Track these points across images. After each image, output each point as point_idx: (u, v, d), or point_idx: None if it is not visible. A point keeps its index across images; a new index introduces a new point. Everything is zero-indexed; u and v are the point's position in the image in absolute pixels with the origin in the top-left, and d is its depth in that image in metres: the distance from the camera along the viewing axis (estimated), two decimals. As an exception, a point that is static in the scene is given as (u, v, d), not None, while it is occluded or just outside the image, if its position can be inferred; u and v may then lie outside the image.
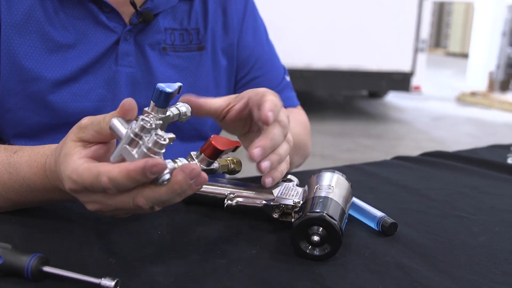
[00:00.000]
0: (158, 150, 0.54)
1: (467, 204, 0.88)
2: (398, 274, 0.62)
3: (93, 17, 0.91)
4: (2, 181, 0.72)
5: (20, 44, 0.87)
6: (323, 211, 0.64)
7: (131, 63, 0.94)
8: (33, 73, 0.88)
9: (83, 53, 0.91)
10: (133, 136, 0.55)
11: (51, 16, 0.89)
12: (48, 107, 0.90)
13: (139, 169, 0.52)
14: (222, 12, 1.04)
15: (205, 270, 0.61)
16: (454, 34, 14.12)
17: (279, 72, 1.13)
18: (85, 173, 0.55)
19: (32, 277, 0.57)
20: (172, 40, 0.98)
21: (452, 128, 5.94)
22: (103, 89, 0.93)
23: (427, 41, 6.10)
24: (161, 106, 0.60)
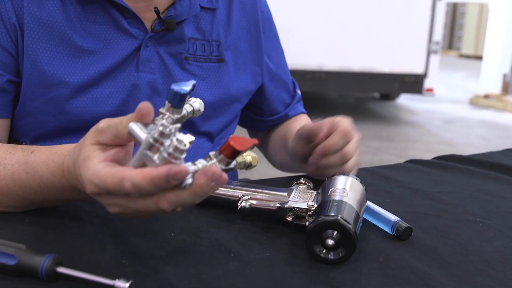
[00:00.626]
0: (178, 155, 0.55)
1: (481, 209, 0.87)
2: (412, 279, 0.62)
3: (115, 23, 0.91)
4: (19, 181, 0.72)
5: (42, 50, 0.88)
6: (338, 215, 0.63)
7: (152, 69, 0.94)
8: (55, 79, 0.88)
9: (105, 59, 0.91)
10: (152, 142, 0.55)
11: (74, 22, 0.89)
12: (68, 112, 0.90)
13: (163, 176, 0.52)
14: (250, 31, 1.06)
15: (218, 273, 0.61)
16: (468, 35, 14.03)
17: (291, 88, 1.19)
18: (107, 178, 0.55)
19: (47, 278, 0.57)
20: (194, 50, 0.98)
21: (465, 131, 5.91)
22: (123, 94, 0.93)
23: (440, 43, 6.07)
24: (177, 106, 0.60)
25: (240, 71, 1.05)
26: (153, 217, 0.76)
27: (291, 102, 1.19)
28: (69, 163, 0.66)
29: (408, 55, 5.94)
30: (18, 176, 0.72)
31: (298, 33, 5.30)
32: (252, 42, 1.07)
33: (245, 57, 1.05)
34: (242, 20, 1.05)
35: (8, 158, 0.74)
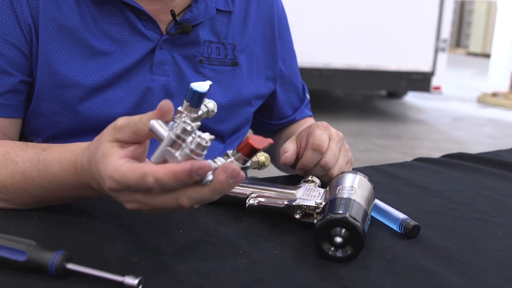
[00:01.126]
0: (200, 152, 0.55)
1: (490, 207, 0.87)
2: (421, 277, 0.62)
3: (130, 25, 0.91)
4: (31, 178, 0.72)
5: (57, 51, 0.88)
6: (346, 213, 0.63)
7: (166, 71, 0.94)
8: (68, 80, 0.89)
9: (119, 60, 0.91)
10: (175, 138, 0.55)
11: (89, 24, 0.89)
12: (81, 113, 0.90)
13: (186, 171, 0.53)
14: (264, 33, 1.06)
15: (227, 270, 0.61)
16: (476, 33, 13.96)
17: (300, 91, 1.20)
18: (128, 173, 0.56)
19: (56, 274, 0.57)
20: (209, 53, 0.98)
21: (473, 129, 5.88)
22: (136, 96, 0.93)
23: (448, 41, 6.04)
24: (195, 106, 0.61)
25: (253, 74, 1.04)
26: (162, 214, 0.76)
27: (300, 106, 1.19)
28: (83, 160, 0.66)
29: (416, 53, 5.92)
30: (29, 174, 0.73)
31: (305, 31, 5.29)
32: (267, 47, 1.06)
33: (259, 61, 1.05)
34: (258, 23, 1.04)
35: (19, 156, 0.75)
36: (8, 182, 0.74)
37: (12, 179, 0.74)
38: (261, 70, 1.06)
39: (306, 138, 0.88)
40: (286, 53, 1.12)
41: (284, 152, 0.88)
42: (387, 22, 5.72)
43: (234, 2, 1.01)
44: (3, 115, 0.88)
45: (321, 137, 0.86)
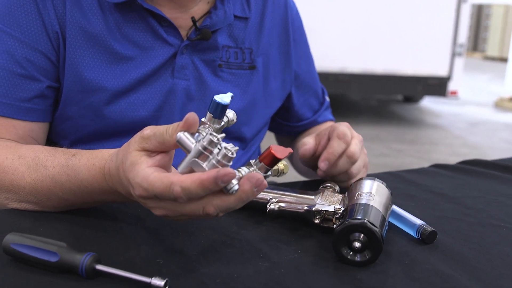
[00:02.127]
0: (226, 162, 0.58)
1: (505, 214, 0.88)
2: (437, 282, 0.63)
3: (153, 31, 0.95)
4: (60, 183, 0.75)
5: (83, 57, 0.92)
6: (365, 218, 0.65)
7: (186, 76, 0.97)
8: (94, 84, 0.92)
9: (142, 65, 0.94)
10: (202, 150, 0.58)
11: (113, 30, 0.93)
12: (106, 116, 0.94)
13: (212, 179, 0.55)
14: (279, 36, 1.09)
15: (249, 272, 0.63)
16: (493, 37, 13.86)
17: (320, 94, 1.22)
18: (156, 182, 0.58)
19: (86, 275, 0.60)
20: (227, 57, 1.01)
21: (489, 134, 5.84)
22: (158, 100, 0.96)
23: (465, 45, 6.01)
24: (218, 117, 0.64)
25: (270, 77, 1.07)
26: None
27: (319, 108, 1.21)
28: (111, 167, 0.69)
29: (432, 58, 5.89)
30: (59, 178, 0.75)
31: (322, 36, 5.30)
32: (282, 50, 1.09)
33: (275, 64, 1.08)
34: (273, 28, 1.07)
35: (49, 160, 0.77)
36: (38, 185, 0.77)
37: (42, 182, 0.77)
38: (278, 73, 1.09)
39: (327, 137, 0.90)
40: (301, 56, 1.14)
41: (303, 145, 0.92)
42: (403, 27, 5.71)
43: (250, 8, 1.04)
44: (32, 119, 0.91)
45: (345, 131, 0.88)
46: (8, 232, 0.63)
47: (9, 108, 0.89)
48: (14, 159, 0.80)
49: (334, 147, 0.86)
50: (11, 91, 0.89)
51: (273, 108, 1.11)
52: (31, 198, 0.78)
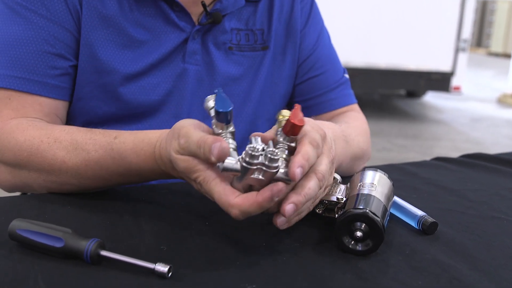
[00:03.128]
0: (275, 164, 0.61)
1: (506, 206, 0.89)
2: (437, 271, 0.64)
3: (165, 16, 0.96)
4: (106, 166, 0.77)
5: (97, 37, 0.92)
6: (366, 208, 0.66)
7: (197, 61, 0.99)
8: (107, 66, 0.93)
9: (154, 50, 0.95)
10: (249, 167, 0.61)
11: (127, 13, 0.94)
12: (118, 98, 0.95)
13: (268, 198, 0.60)
14: (288, 13, 1.08)
15: (251, 260, 0.64)
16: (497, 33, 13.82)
17: (339, 70, 1.15)
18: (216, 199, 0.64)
19: (91, 260, 0.61)
20: (238, 40, 1.02)
21: (492, 130, 5.84)
22: (169, 84, 0.97)
23: (468, 41, 6.00)
24: (228, 122, 0.66)
25: (279, 55, 1.07)
26: (188, 207, 0.80)
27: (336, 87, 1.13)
28: (162, 153, 0.72)
29: (436, 53, 5.89)
30: (104, 162, 0.77)
31: (325, 29, 5.29)
32: (290, 29, 1.08)
33: (284, 43, 1.08)
34: (283, 6, 1.07)
35: (89, 144, 0.79)
36: (82, 170, 0.79)
37: (86, 167, 0.78)
38: (287, 51, 1.08)
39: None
40: (309, 32, 1.11)
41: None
42: (407, 22, 5.70)
43: None
44: (58, 97, 0.92)
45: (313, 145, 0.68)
46: (14, 218, 0.64)
47: (36, 85, 0.89)
48: (50, 142, 0.81)
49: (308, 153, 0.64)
50: (39, 68, 0.89)
51: (285, 88, 1.10)
52: (72, 180, 0.80)
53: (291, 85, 1.12)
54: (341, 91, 1.13)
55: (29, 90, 0.89)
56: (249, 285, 0.58)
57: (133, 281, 0.58)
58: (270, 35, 1.05)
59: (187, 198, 0.83)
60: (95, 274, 0.59)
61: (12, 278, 0.57)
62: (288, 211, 0.63)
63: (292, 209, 0.63)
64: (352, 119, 1.09)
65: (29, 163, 0.81)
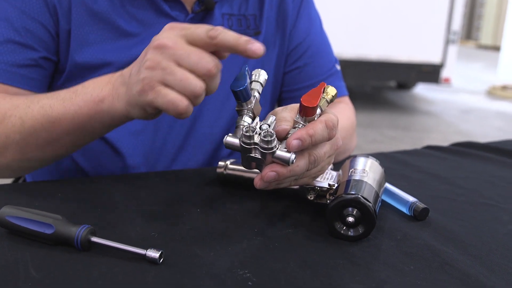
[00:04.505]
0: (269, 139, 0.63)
1: (497, 193, 0.89)
2: (429, 256, 0.64)
3: (156, 7, 0.95)
4: (57, 94, 0.78)
5: (88, 33, 0.92)
6: (358, 193, 0.66)
7: None
8: (99, 60, 0.93)
9: (147, 41, 0.94)
10: (246, 146, 0.63)
11: (118, 8, 0.93)
12: None
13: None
14: (279, 3, 1.07)
15: (243, 245, 0.64)
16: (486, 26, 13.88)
17: (330, 61, 1.14)
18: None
19: (81, 247, 0.60)
20: (230, 25, 1.01)
21: (481, 121, 5.88)
22: None
23: (458, 33, 6.02)
24: (245, 100, 0.66)
25: (270, 41, 1.07)
26: (179, 194, 0.79)
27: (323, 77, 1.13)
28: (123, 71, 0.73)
29: (426, 45, 5.91)
30: (51, 95, 0.79)
31: (316, 21, 5.28)
32: (281, 14, 1.08)
33: (275, 29, 1.07)
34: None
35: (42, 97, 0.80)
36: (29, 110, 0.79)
37: (28, 108, 0.79)
38: (277, 37, 1.08)
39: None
40: (302, 22, 1.11)
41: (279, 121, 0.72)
42: (398, 14, 5.71)
43: None
44: (26, 87, 0.91)
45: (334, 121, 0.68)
46: (3, 205, 0.64)
47: (3, 73, 0.89)
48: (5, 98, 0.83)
49: (316, 129, 0.65)
50: (6, 57, 0.89)
51: (271, 76, 1.09)
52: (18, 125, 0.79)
53: (280, 72, 1.11)
54: (331, 82, 1.11)
55: None
56: (241, 271, 0.58)
57: (124, 267, 0.58)
58: (262, 20, 1.05)
59: (179, 186, 0.83)
60: (85, 261, 0.59)
61: (2, 265, 0.57)
62: (268, 177, 0.64)
63: (272, 177, 0.64)
64: (340, 112, 1.07)
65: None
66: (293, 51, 1.10)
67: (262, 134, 0.62)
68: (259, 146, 0.62)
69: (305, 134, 0.63)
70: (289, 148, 0.63)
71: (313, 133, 0.64)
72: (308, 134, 0.63)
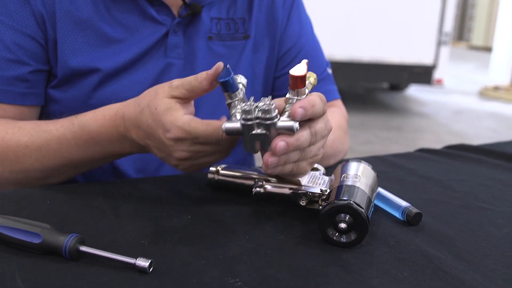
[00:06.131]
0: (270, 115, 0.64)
1: (490, 196, 0.89)
2: (422, 262, 0.63)
3: (142, 11, 0.94)
4: (66, 141, 0.79)
5: (74, 41, 0.91)
6: (350, 199, 0.65)
7: (180, 55, 0.97)
8: (86, 67, 0.92)
9: (134, 46, 0.94)
10: (246, 123, 0.65)
11: (103, 13, 0.92)
12: (98, 98, 0.93)
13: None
14: (268, 3, 1.06)
15: (235, 253, 0.63)
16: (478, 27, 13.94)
17: (321, 65, 1.13)
18: (200, 126, 0.69)
19: (70, 256, 0.59)
20: (218, 29, 1.00)
21: (474, 122, 5.89)
22: (152, 80, 0.96)
23: (450, 34, 6.04)
24: (233, 90, 0.70)
25: (260, 45, 1.06)
26: (171, 200, 0.78)
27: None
28: (126, 112, 0.75)
29: (418, 46, 5.93)
30: (64, 137, 0.80)
31: (308, 23, 5.28)
32: (271, 18, 1.06)
33: (265, 33, 1.06)
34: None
35: (51, 124, 0.81)
36: (44, 150, 0.80)
37: (47, 147, 0.80)
38: (266, 41, 1.06)
39: None
40: (291, 23, 1.09)
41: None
42: (390, 15, 5.72)
43: None
44: (22, 103, 0.91)
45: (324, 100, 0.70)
46: (-10, 214, 0.62)
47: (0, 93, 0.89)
48: (14, 132, 0.83)
49: (316, 100, 0.67)
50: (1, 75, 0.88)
51: (261, 79, 1.08)
52: (38, 164, 0.81)
53: (270, 77, 1.09)
54: (322, 87, 1.11)
55: None
56: (232, 279, 0.57)
57: (114, 276, 0.57)
58: (251, 23, 1.03)
59: (169, 192, 0.82)
60: (74, 270, 0.58)
61: (-12, 275, 0.56)
62: (279, 147, 0.64)
63: (282, 146, 0.64)
64: (333, 113, 1.07)
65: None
66: (284, 55, 1.09)
67: (261, 105, 0.64)
68: (261, 119, 0.64)
69: (307, 103, 0.65)
70: (294, 116, 0.64)
71: (314, 103, 0.66)
72: (310, 104, 0.65)
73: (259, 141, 0.66)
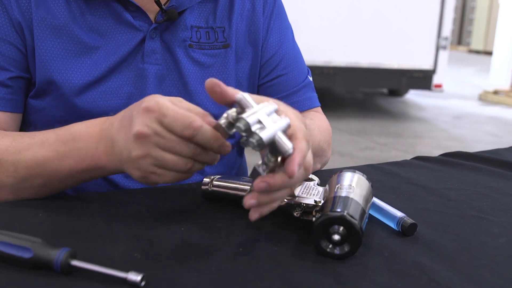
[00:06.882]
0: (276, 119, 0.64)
1: (487, 205, 0.88)
2: (417, 274, 0.63)
3: (117, 16, 0.94)
4: (47, 143, 0.79)
5: (50, 49, 0.91)
6: (344, 211, 0.65)
7: (157, 60, 0.96)
8: (64, 76, 0.91)
9: (111, 53, 0.93)
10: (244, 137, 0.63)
11: (78, 19, 0.92)
12: (79, 107, 0.93)
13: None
14: (249, 10, 1.05)
15: (227, 266, 0.63)
16: (477, 31, 13.94)
17: (303, 72, 1.13)
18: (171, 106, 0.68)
19: (61, 271, 0.59)
20: (198, 37, 0.99)
21: (474, 127, 5.89)
22: (131, 86, 0.96)
23: (449, 38, 6.04)
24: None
25: (242, 54, 1.05)
26: (163, 212, 0.78)
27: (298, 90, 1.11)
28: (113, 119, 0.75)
29: (417, 51, 5.92)
30: (47, 140, 0.79)
31: (307, 29, 5.29)
32: (252, 26, 1.06)
33: (245, 41, 1.05)
34: (244, 3, 1.05)
35: (36, 133, 0.81)
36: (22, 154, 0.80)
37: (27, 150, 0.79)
38: (249, 49, 1.05)
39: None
40: (274, 34, 1.08)
41: None
42: (388, 20, 5.72)
43: None
44: (3, 109, 0.90)
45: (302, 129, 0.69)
46: (-19, 227, 0.62)
47: None
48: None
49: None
50: None
51: (245, 88, 1.06)
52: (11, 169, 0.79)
53: (255, 84, 1.08)
54: (303, 94, 1.11)
55: None
56: (224, 293, 0.57)
57: (105, 291, 0.56)
58: (231, 33, 1.03)
59: (162, 204, 0.82)
60: (66, 285, 0.57)
61: (-22, 291, 0.55)
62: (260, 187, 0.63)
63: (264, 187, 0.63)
64: (316, 117, 1.08)
65: None
66: (266, 63, 1.08)
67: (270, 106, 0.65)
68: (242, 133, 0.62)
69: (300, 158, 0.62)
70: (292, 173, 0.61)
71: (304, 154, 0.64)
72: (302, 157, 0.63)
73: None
